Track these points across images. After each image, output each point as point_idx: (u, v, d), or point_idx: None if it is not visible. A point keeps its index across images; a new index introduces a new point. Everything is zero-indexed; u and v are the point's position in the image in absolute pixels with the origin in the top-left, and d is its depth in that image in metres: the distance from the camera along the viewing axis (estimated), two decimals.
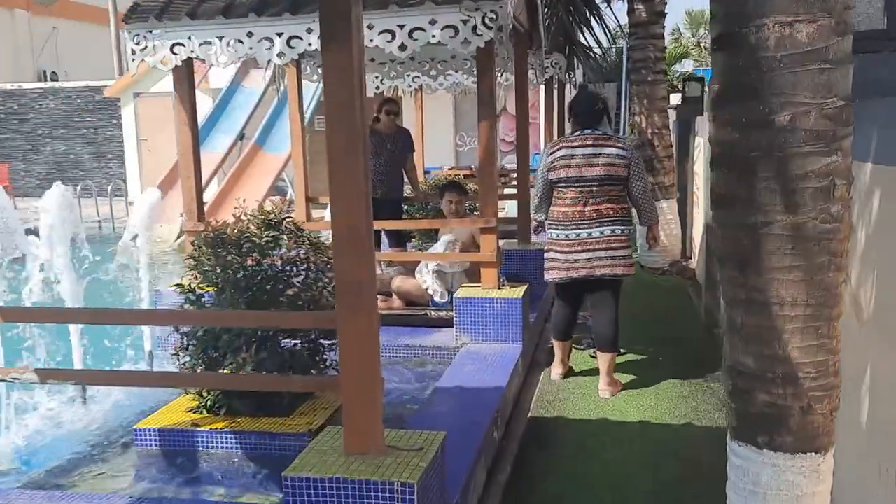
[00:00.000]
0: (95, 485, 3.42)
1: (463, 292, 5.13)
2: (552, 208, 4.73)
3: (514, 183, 8.46)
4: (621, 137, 4.72)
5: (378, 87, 8.07)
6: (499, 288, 5.12)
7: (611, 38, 11.80)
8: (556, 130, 11.05)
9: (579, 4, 9.63)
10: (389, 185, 7.12)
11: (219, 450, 3.60)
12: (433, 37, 4.57)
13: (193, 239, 3.76)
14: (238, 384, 3.34)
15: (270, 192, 14.39)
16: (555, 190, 4.70)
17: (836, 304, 1.98)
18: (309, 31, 4.68)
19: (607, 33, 10.95)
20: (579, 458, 3.90)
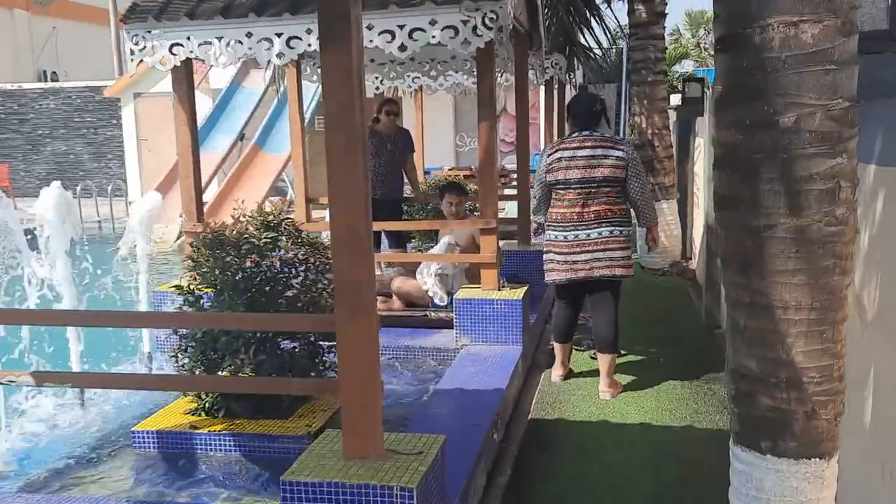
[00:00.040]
0: (92, 488, 3.40)
1: (463, 293, 5.11)
2: (551, 210, 4.72)
3: (514, 183, 8.44)
4: (619, 139, 4.70)
5: (378, 87, 8.06)
6: (499, 289, 5.12)
7: (611, 39, 11.77)
8: (556, 131, 11.03)
9: (579, 5, 9.61)
10: (389, 186, 7.11)
11: (217, 452, 3.59)
12: (433, 37, 4.56)
13: (192, 240, 3.74)
14: (236, 387, 3.32)
15: (270, 193, 14.39)
16: (553, 192, 4.69)
17: (841, 307, 1.95)
18: (308, 31, 4.66)
19: (607, 34, 10.93)
20: (580, 461, 3.88)
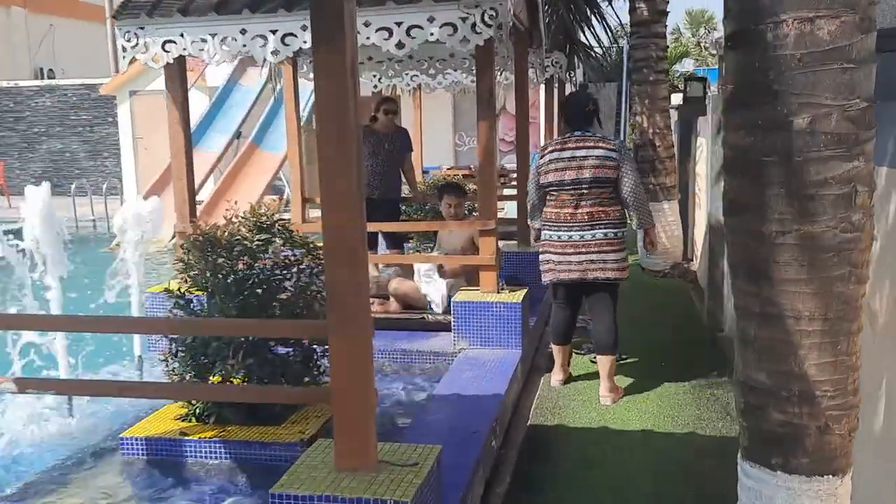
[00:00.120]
0: (78, 496, 3.30)
1: (461, 296, 5.03)
2: (545, 210, 4.70)
3: (514, 183, 8.36)
4: (611, 139, 4.66)
5: (376, 85, 7.97)
6: (498, 292, 5.04)
7: (612, 37, 11.68)
8: (556, 130, 10.93)
9: (580, 2, 9.55)
10: (387, 186, 7.03)
11: (208, 459, 3.51)
12: (431, 34, 4.50)
13: (182, 242, 3.65)
14: (224, 395, 3.23)
15: (267, 192, 14.29)
16: (547, 193, 4.67)
17: (857, 317, 1.86)
18: (304, 28, 4.58)
19: (608, 32, 10.85)
20: (580, 469, 3.80)
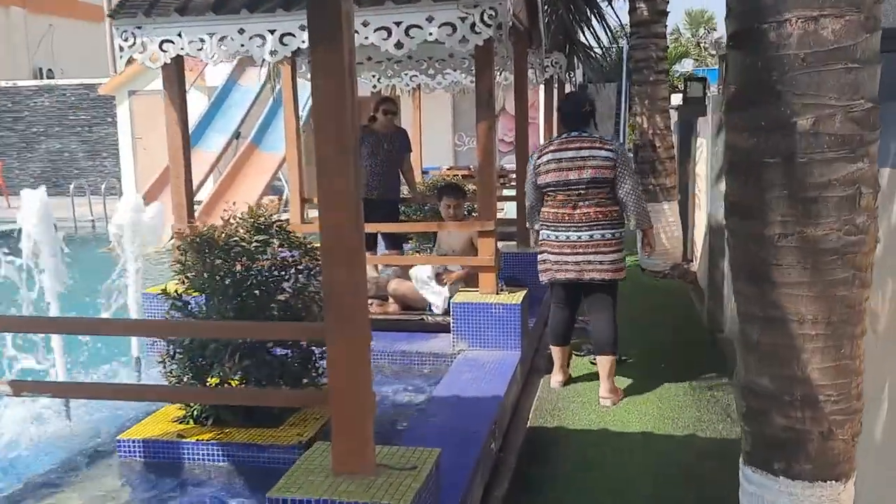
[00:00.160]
0: (74, 499, 3.28)
1: (461, 297, 5.01)
2: (543, 209, 4.70)
3: (513, 184, 8.33)
4: (608, 139, 4.65)
5: (375, 86, 7.95)
6: (497, 293, 5.02)
7: (611, 38, 11.66)
8: (555, 131, 10.90)
9: (580, 3, 9.52)
10: (386, 186, 7.01)
11: (205, 462, 3.48)
12: (430, 34, 4.47)
13: (179, 243, 3.62)
14: (220, 398, 3.21)
15: (267, 192, 14.25)
16: (545, 194, 4.67)
17: (860, 321, 1.83)
18: (302, 27, 4.56)
19: (608, 32, 10.82)
20: (580, 471, 3.78)
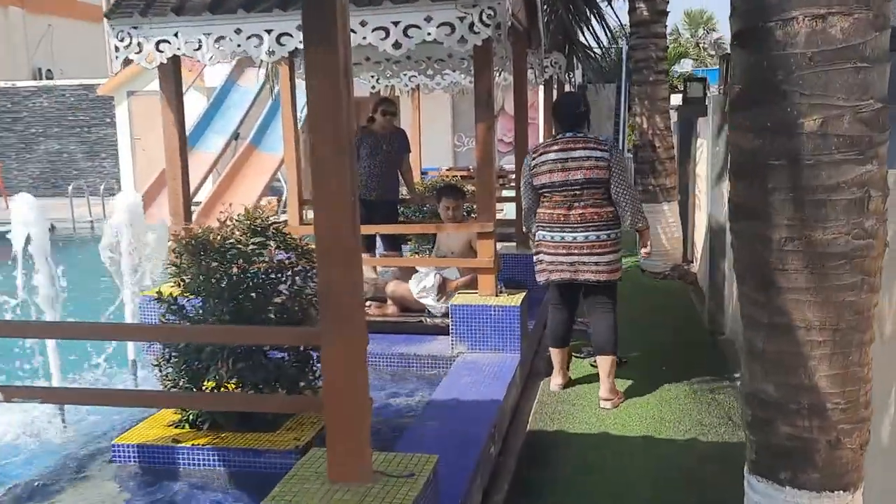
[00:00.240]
0: None
1: (459, 299, 4.96)
2: (539, 210, 4.69)
3: (513, 184, 8.29)
4: (603, 139, 4.65)
5: (374, 86, 7.90)
6: (496, 295, 4.98)
7: (611, 38, 11.61)
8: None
9: (579, 3, 9.48)
10: (385, 187, 6.98)
11: (201, 467, 3.44)
12: (429, 34, 4.44)
13: (175, 245, 3.58)
14: (213, 404, 3.17)
15: (266, 193, 14.19)
16: (541, 195, 4.65)
17: (869, 327, 1.78)
18: (299, 27, 4.48)
19: (607, 32, 10.78)
20: (580, 474, 3.74)
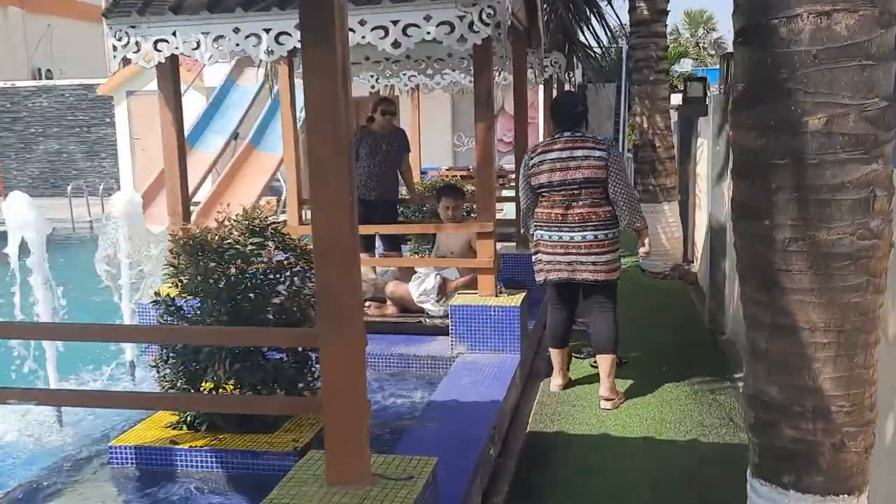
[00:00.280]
0: None
1: (459, 300, 4.94)
2: (537, 210, 4.68)
3: (513, 184, 8.25)
4: (601, 139, 4.65)
5: (373, 86, 7.87)
6: (496, 295, 4.95)
7: (611, 37, 11.59)
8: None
9: (579, 2, 9.45)
10: (384, 187, 6.96)
11: (199, 469, 3.41)
12: (428, 33, 4.41)
13: (172, 246, 3.55)
14: (209, 406, 3.14)
15: (265, 193, 14.16)
16: (539, 194, 4.64)
17: (874, 329, 1.75)
18: (298, 26, 4.48)
19: (607, 32, 10.76)
20: (580, 476, 3.71)
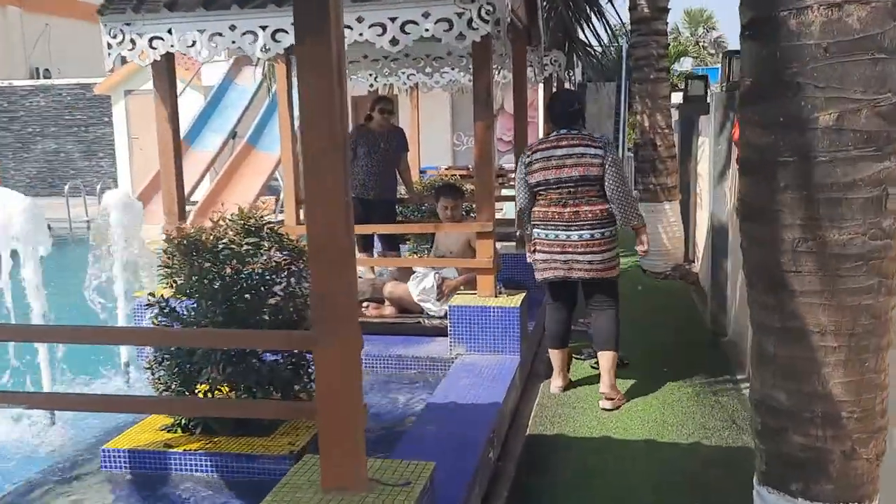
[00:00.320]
0: None
1: (458, 300, 4.88)
2: (534, 209, 4.66)
3: (512, 183, 8.19)
4: (597, 136, 4.65)
5: (372, 84, 7.82)
6: (496, 296, 4.90)
7: (611, 36, 11.53)
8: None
9: (579, 0, 9.39)
10: (383, 186, 6.91)
11: (193, 473, 3.35)
12: (426, 30, 4.36)
13: (167, 246, 3.49)
14: (203, 410, 3.08)
15: (263, 192, 14.11)
16: (536, 192, 4.62)
17: (885, 332, 1.70)
18: None
19: (608, 30, 10.70)
20: (581, 479, 3.67)
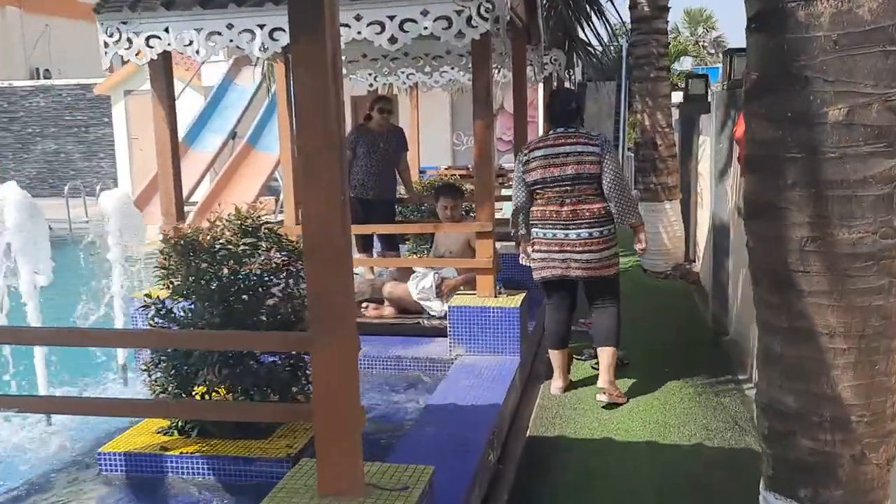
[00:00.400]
0: None
1: (458, 301, 4.84)
2: (533, 208, 4.65)
3: (512, 183, 8.16)
4: (595, 135, 4.65)
5: (371, 84, 7.77)
6: (495, 296, 4.85)
7: (611, 35, 11.48)
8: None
9: None
10: (382, 186, 6.88)
11: (190, 476, 3.31)
12: (425, 28, 4.32)
13: (164, 246, 3.45)
14: (198, 414, 3.04)
15: (263, 192, 14.09)
16: (534, 191, 4.62)
17: None
18: None
19: (608, 29, 10.66)
20: (582, 481, 3.64)
